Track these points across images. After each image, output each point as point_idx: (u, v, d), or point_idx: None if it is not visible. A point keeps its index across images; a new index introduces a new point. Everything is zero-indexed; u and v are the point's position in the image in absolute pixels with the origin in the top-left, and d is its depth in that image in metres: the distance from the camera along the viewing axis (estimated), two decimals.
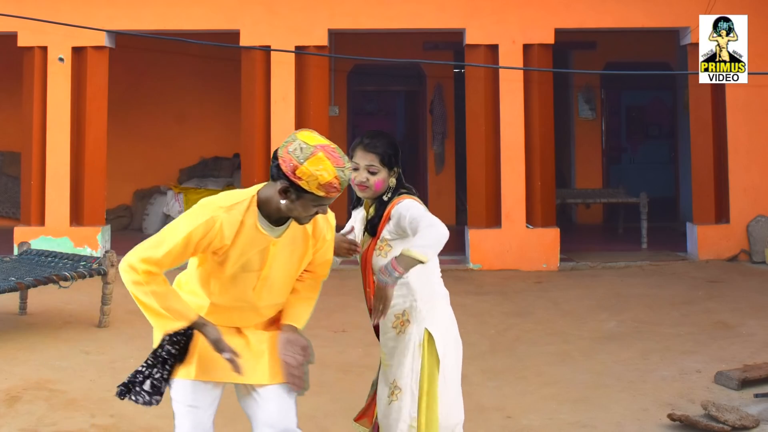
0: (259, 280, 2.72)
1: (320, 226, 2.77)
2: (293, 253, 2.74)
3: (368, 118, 17.03)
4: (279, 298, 2.81)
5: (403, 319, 2.99)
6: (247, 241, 2.64)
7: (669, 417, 4.16)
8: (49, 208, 9.32)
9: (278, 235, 2.68)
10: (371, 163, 2.96)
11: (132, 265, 2.59)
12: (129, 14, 9.42)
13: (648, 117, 13.99)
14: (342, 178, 2.53)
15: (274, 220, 2.67)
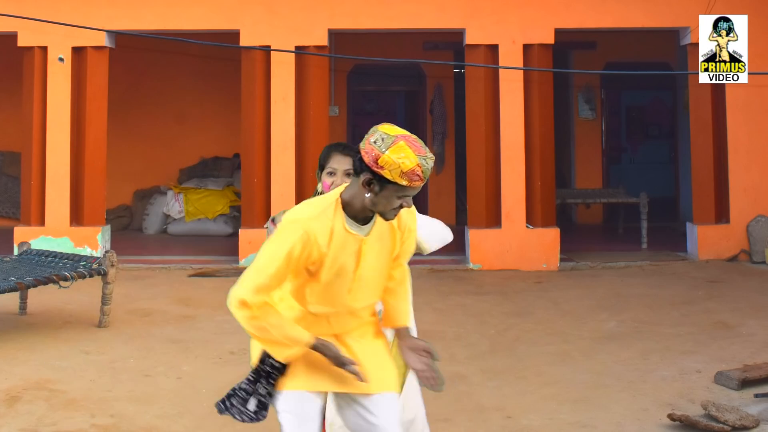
0: (354, 282, 2.70)
1: (404, 218, 2.76)
2: (383, 249, 2.73)
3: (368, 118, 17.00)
4: (373, 297, 2.80)
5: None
6: (340, 245, 2.63)
7: (669, 417, 4.16)
8: (49, 208, 9.32)
9: (367, 233, 2.68)
10: (349, 167, 2.97)
11: (242, 299, 2.55)
12: (129, 14, 9.42)
13: (648, 117, 14.00)
14: (424, 166, 2.48)
15: (360, 219, 2.65)
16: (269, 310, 2.58)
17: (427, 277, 8.57)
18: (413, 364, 2.75)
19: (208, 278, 8.53)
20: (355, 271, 2.68)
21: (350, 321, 2.79)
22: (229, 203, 11.95)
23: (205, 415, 4.37)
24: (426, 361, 2.73)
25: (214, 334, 6.15)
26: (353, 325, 2.81)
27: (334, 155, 3.04)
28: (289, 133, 9.30)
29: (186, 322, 6.54)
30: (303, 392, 2.70)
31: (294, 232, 2.58)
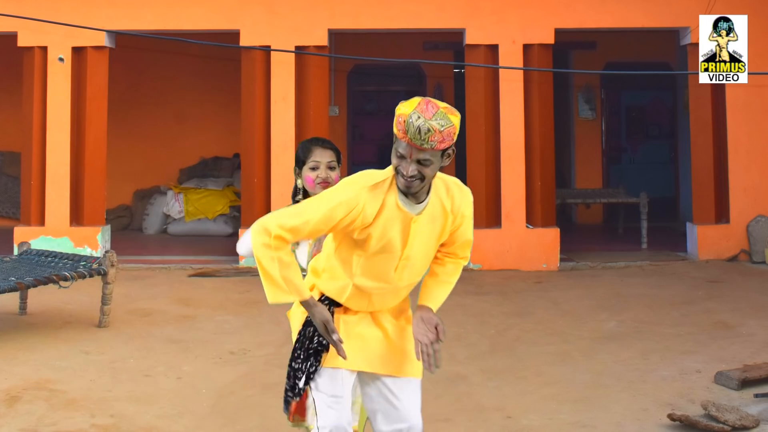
0: (401, 260, 2.71)
1: (458, 202, 2.74)
2: (433, 230, 2.72)
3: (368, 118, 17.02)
4: (417, 277, 2.82)
5: None
6: (389, 220, 2.64)
7: (669, 417, 4.16)
8: (49, 208, 9.32)
9: (419, 212, 2.67)
10: (331, 160, 3.10)
11: (267, 227, 2.60)
12: (129, 14, 9.42)
13: (648, 117, 13.99)
14: (409, 121, 2.47)
15: (413, 197, 2.65)
16: (285, 247, 2.62)
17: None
18: (418, 334, 2.72)
19: (208, 278, 8.52)
20: (403, 249, 2.69)
21: (391, 300, 2.83)
22: (229, 203, 11.95)
23: (205, 415, 4.37)
24: (432, 337, 2.71)
25: (214, 334, 6.15)
26: (393, 302, 2.85)
27: (315, 149, 3.11)
28: (289, 133, 9.30)
29: (186, 322, 6.54)
30: (340, 369, 2.75)
31: (345, 193, 2.61)
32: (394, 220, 2.64)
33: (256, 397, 4.64)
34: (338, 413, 2.72)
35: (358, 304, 2.79)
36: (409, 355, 2.81)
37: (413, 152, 2.52)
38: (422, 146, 2.50)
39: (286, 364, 2.89)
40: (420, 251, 2.73)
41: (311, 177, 3.09)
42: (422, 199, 2.66)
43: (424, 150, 2.51)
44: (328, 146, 3.15)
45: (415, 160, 2.53)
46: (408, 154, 2.53)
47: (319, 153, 3.12)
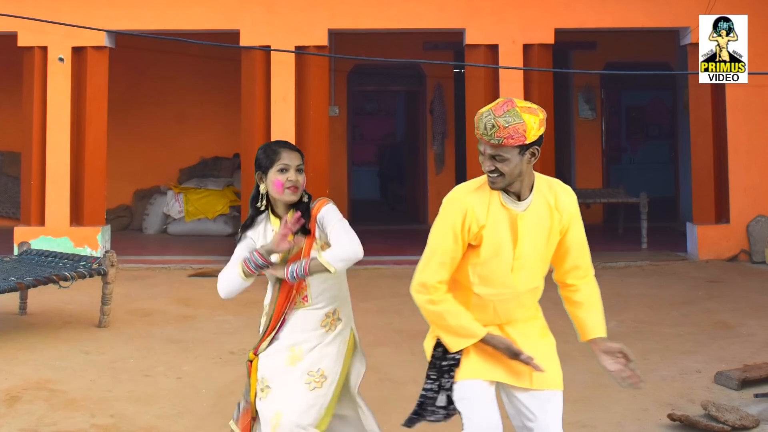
0: (515, 260, 2.76)
1: (562, 198, 2.79)
2: (541, 229, 2.77)
3: (368, 118, 17.05)
4: (535, 281, 2.82)
5: (334, 318, 3.08)
6: (497, 220, 2.73)
7: (669, 417, 4.16)
8: (49, 208, 9.32)
9: (523, 209, 2.74)
10: (299, 163, 3.01)
11: (424, 283, 2.72)
12: (129, 14, 9.42)
13: (648, 117, 14.01)
14: (480, 117, 2.62)
15: (514, 194, 2.74)
16: (446, 297, 2.73)
17: None
18: (609, 366, 2.84)
19: (208, 278, 8.52)
20: (515, 248, 2.74)
21: (516, 309, 2.84)
22: (229, 203, 11.95)
23: (205, 415, 4.37)
24: (622, 361, 2.81)
25: (214, 334, 6.15)
26: (518, 315, 2.86)
27: (282, 151, 3.00)
28: (289, 133, 9.29)
29: (186, 322, 6.54)
30: (478, 380, 2.78)
31: (452, 209, 2.72)
32: (501, 220, 2.73)
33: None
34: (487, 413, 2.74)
35: (483, 316, 2.80)
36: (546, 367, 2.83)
37: (486, 148, 2.65)
38: (490, 142, 2.61)
39: None
40: (532, 250, 2.77)
41: (280, 180, 2.95)
42: (525, 196, 2.74)
43: (494, 146, 2.62)
44: (295, 149, 3.04)
45: (489, 156, 2.65)
46: (483, 150, 2.67)
47: (287, 156, 2.98)
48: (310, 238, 2.99)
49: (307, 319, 3.04)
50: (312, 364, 3.01)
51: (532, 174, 2.76)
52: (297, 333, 3.03)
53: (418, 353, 5.52)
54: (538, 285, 2.85)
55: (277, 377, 3.00)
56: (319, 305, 3.04)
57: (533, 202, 2.75)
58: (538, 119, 2.62)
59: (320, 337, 3.04)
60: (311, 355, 3.02)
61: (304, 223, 2.95)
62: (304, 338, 3.03)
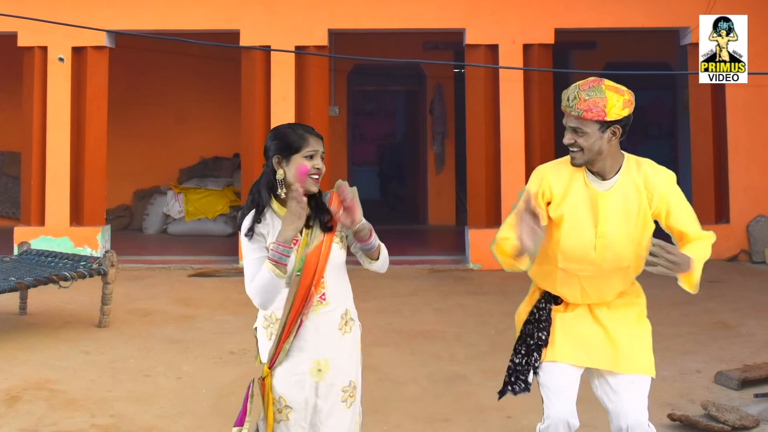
0: (597, 238, 2.79)
1: (651, 178, 2.80)
2: (628, 208, 2.79)
3: (368, 118, 17.05)
4: (623, 260, 2.83)
5: (347, 318, 2.77)
6: (578, 198, 2.80)
7: (669, 417, 4.16)
8: (49, 208, 9.32)
9: (607, 189, 2.79)
10: (323, 151, 2.77)
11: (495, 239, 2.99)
12: (129, 14, 9.42)
13: (648, 117, 13.99)
14: (567, 90, 2.73)
15: (600, 175, 2.81)
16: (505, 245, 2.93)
17: (427, 277, 8.57)
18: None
19: (208, 278, 8.52)
20: (597, 226, 2.79)
21: (605, 289, 2.87)
22: (229, 203, 11.96)
23: (205, 415, 4.37)
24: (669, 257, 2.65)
25: (214, 334, 6.15)
26: (609, 295, 2.88)
27: (310, 137, 2.74)
28: None
29: (186, 322, 6.54)
30: (561, 364, 2.83)
31: (533, 177, 2.92)
32: (582, 199, 2.80)
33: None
34: (562, 405, 2.81)
35: (570, 292, 2.88)
36: (630, 352, 2.83)
37: (569, 120, 2.75)
38: (571, 113, 2.72)
39: None
40: (618, 229, 2.79)
41: (306, 166, 2.68)
42: (610, 176, 2.80)
43: (575, 118, 2.72)
44: (320, 136, 2.83)
45: (570, 129, 2.75)
46: (566, 123, 2.76)
47: (315, 141, 2.75)
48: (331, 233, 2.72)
49: (327, 325, 2.70)
50: (343, 378, 2.72)
51: (619, 155, 2.81)
52: (320, 341, 2.68)
53: (418, 353, 5.54)
54: (629, 265, 2.85)
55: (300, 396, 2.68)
56: (335, 305, 2.72)
57: (618, 182, 2.79)
58: (622, 99, 2.70)
59: (340, 344, 2.72)
60: (338, 368, 2.71)
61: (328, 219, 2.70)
62: (327, 347, 2.69)
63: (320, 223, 2.70)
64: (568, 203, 2.80)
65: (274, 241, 2.60)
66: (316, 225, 2.70)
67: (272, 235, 2.67)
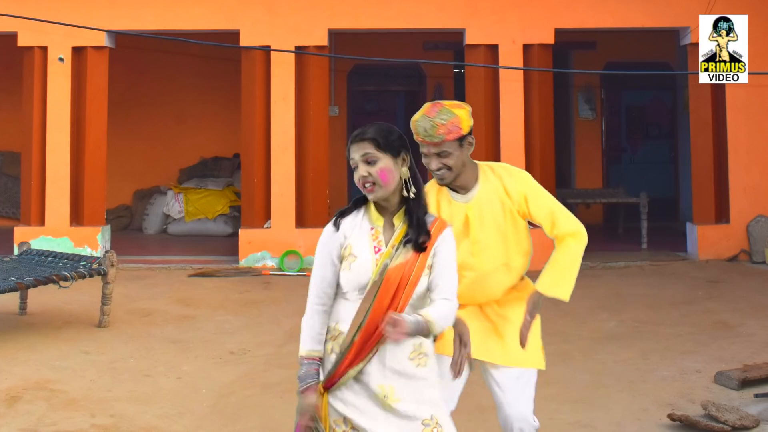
0: (472, 244, 2.99)
1: (506, 180, 3.02)
2: (495, 212, 3.01)
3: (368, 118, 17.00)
4: (500, 259, 3.04)
5: (421, 351, 2.51)
6: (449, 213, 2.98)
7: (669, 417, 4.16)
8: (49, 208, 9.32)
9: (471, 200, 3.00)
10: (366, 152, 2.49)
11: None
12: (129, 14, 9.42)
13: (648, 117, 13.98)
14: (418, 122, 2.87)
15: (462, 189, 3.01)
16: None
17: None
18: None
19: (208, 278, 8.52)
20: (468, 235, 2.98)
21: (491, 287, 3.05)
22: (229, 203, 11.95)
23: (205, 415, 4.37)
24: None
25: (214, 334, 6.15)
26: (496, 292, 3.06)
27: (351, 146, 2.57)
28: (289, 133, 9.30)
29: (186, 322, 6.54)
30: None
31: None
32: (453, 214, 2.98)
33: (256, 397, 4.64)
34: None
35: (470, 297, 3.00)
36: (516, 346, 2.97)
37: (431, 149, 2.90)
38: (433, 141, 2.87)
39: (285, 364, 2.89)
40: (490, 233, 3.00)
41: (356, 178, 2.54)
42: (471, 187, 3.01)
43: (437, 144, 2.88)
44: (361, 138, 2.54)
45: (434, 155, 2.91)
46: (427, 152, 2.92)
47: (354, 149, 2.55)
48: (424, 255, 2.47)
49: (397, 350, 2.44)
50: (424, 411, 2.46)
51: (474, 164, 3.02)
52: (387, 367, 2.44)
53: None
54: (508, 262, 3.06)
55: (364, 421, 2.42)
56: None
57: (480, 191, 3.00)
58: (466, 111, 2.91)
59: (413, 374, 2.47)
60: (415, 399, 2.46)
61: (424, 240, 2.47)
62: (395, 373, 2.44)
63: (414, 243, 2.45)
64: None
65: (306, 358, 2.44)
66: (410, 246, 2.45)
67: (353, 238, 2.48)
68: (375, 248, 2.46)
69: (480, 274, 3.00)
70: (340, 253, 2.48)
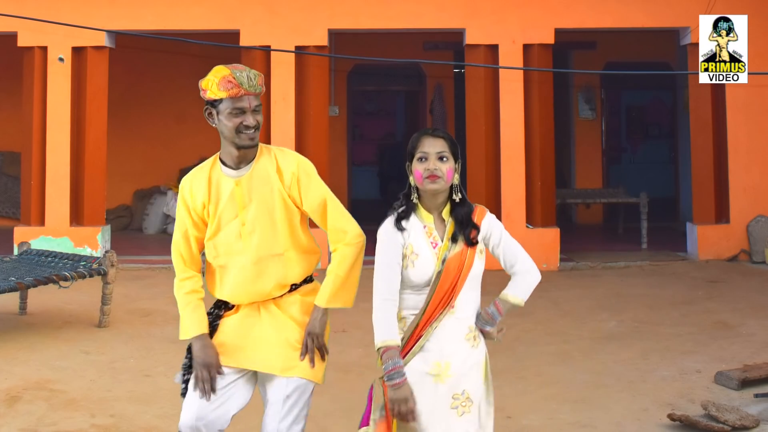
0: (241, 226, 2.83)
1: (281, 159, 2.88)
2: (268, 192, 2.84)
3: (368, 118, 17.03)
4: (272, 247, 2.84)
5: (475, 333, 2.82)
6: (218, 191, 2.86)
7: (669, 417, 4.16)
8: (49, 208, 9.32)
9: (242, 176, 2.85)
10: (442, 150, 2.69)
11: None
12: (129, 14, 9.42)
13: (648, 117, 14.00)
14: (236, 75, 2.74)
15: (235, 164, 2.87)
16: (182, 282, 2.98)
17: None
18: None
19: None
20: (236, 215, 2.84)
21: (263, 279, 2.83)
22: None
23: None
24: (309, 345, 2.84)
25: None
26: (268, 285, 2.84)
27: (423, 139, 2.72)
28: (289, 133, 9.30)
29: None
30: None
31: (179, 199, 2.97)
32: (223, 191, 2.86)
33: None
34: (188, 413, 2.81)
35: (232, 290, 2.86)
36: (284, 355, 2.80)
37: (251, 101, 2.80)
38: (256, 91, 2.80)
39: None
40: (259, 215, 2.83)
41: (419, 171, 2.68)
42: (244, 165, 2.87)
43: (255, 95, 2.80)
44: (439, 134, 2.74)
45: (251, 111, 2.80)
46: (248, 105, 2.78)
47: (429, 143, 2.71)
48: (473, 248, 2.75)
49: (455, 330, 2.72)
50: (459, 384, 2.73)
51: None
52: (445, 344, 2.70)
53: None
54: (282, 253, 2.84)
55: (422, 397, 2.66)
56: (464, 314, 2.75)
57: (253, 169, 2.86)
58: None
59: (466, 353, 2.76)
60: (458, 375, 2.73)
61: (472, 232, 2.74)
62: (452, 351, 2.71)
63: (465, 238, 2.72)
64: (212, 203, 2.86)
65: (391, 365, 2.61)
66: (461, 239, 2.72)
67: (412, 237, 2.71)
68: (432, 243, 2.72)
69: (249, 261, 2.82)
70: (402, 252, 2.70)
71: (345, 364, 5.24)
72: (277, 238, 2.84)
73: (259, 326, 2.85)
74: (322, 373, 2.88)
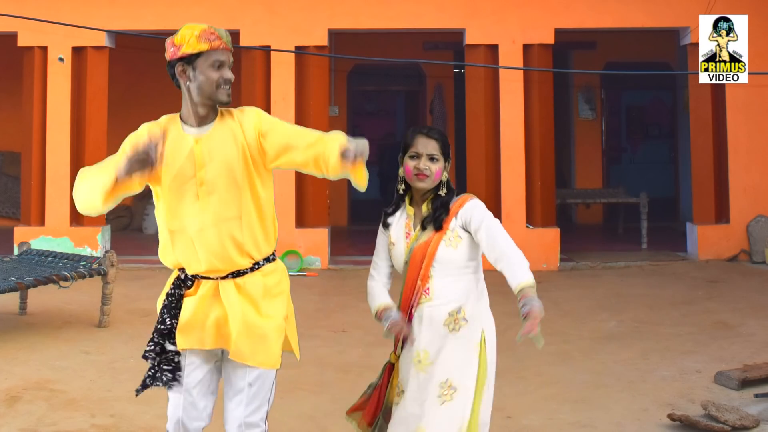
0: (199, 186, 2.70)
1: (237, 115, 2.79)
2: (230, 151, 2.71)
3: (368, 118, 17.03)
4: (230, 208, 2.70)
5: (458, 317, 2.89)
6: (175, 148, 2.72)
7: (669, 417, 4.16)
8: (49, 208, 9.32)
9: (202, 134, 2.73)
10: (433, 152, 2.84)
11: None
12: (129, 14, 9.42)
13: (648, 117, 14.00)
14: (215, 28, 2.74)
15: (199, 123, 2.75)
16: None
17: None
18: None
19: None
20: (194, 175, 2.70)
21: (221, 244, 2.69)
22: None
23: None
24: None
25: None
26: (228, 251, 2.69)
27: (418, 138, 2.86)
28: None
29: None
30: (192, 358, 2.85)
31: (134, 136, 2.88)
32: (180, 148, 2.72)
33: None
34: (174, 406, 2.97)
35: (187, 257, 2.75)
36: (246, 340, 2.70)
37: (230, 56, 2.79)
38: (228, 46, 2.79)
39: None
40: (219, 174, 2.69)
41: (410, 167, 2.84)
42: (208, 122, 2.76)
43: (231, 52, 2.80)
44: (432, 136, 2.87)
45: (227, 66, 2.77)
46: (227, 59, 2.77)
47: (422, 142, 2.84)
48: (441, 232, 2.83)
49: (431, 318, 2.84)
50: (441, 373, 2.81)
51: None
52: (422, 333, 2.83)
53: None
54: (241, 216, 2.70)
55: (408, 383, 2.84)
56: (441, 301, 2.85)
57: (214, 128, 2.74)
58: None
59: (442, 340, 2.83)
60: (438, 362, 2.81)
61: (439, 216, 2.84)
62: (429, 339, 2.82)
63: (434, 222, 2.85)
64: (167, 158, 2.71)
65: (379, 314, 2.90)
66: (431, 225, 2.85)
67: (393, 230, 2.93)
68: (406, 234, 2.90)
69: (208, 225, 2.69)
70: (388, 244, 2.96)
71: (345, 364, 5.24)
72: (238, 199, 2.70)
73: (219, 308, 2.73)
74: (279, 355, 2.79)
